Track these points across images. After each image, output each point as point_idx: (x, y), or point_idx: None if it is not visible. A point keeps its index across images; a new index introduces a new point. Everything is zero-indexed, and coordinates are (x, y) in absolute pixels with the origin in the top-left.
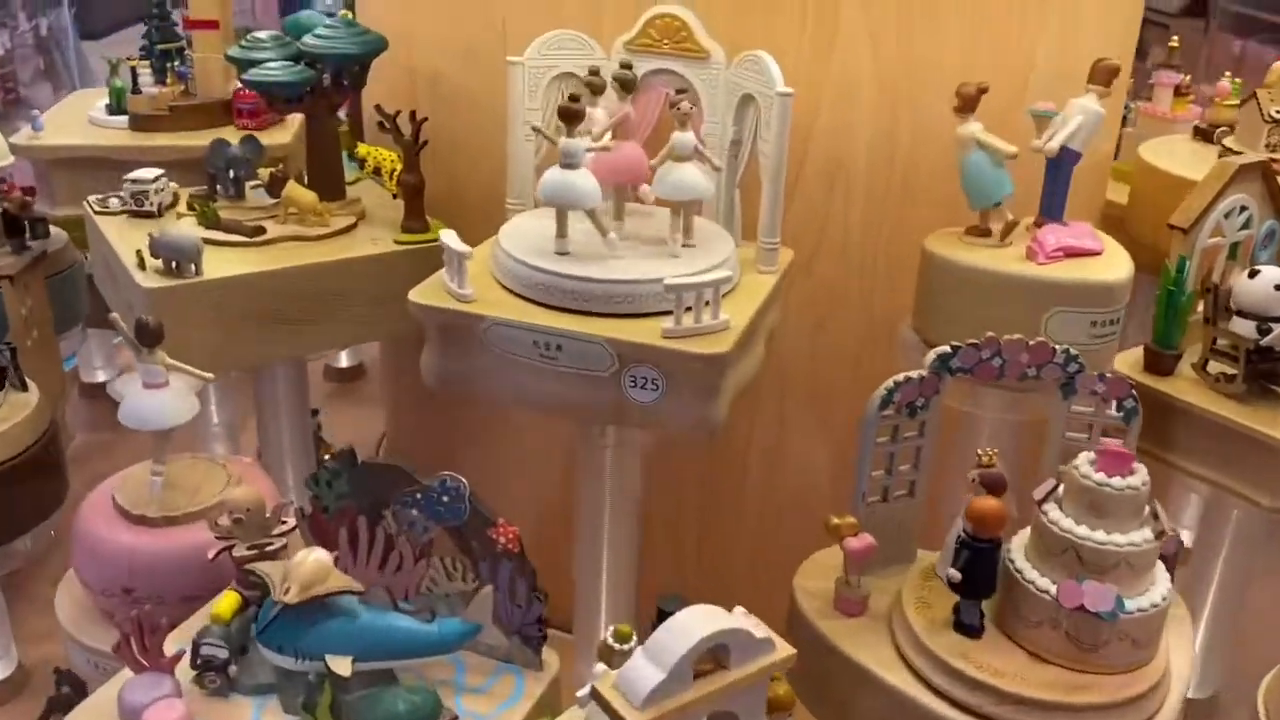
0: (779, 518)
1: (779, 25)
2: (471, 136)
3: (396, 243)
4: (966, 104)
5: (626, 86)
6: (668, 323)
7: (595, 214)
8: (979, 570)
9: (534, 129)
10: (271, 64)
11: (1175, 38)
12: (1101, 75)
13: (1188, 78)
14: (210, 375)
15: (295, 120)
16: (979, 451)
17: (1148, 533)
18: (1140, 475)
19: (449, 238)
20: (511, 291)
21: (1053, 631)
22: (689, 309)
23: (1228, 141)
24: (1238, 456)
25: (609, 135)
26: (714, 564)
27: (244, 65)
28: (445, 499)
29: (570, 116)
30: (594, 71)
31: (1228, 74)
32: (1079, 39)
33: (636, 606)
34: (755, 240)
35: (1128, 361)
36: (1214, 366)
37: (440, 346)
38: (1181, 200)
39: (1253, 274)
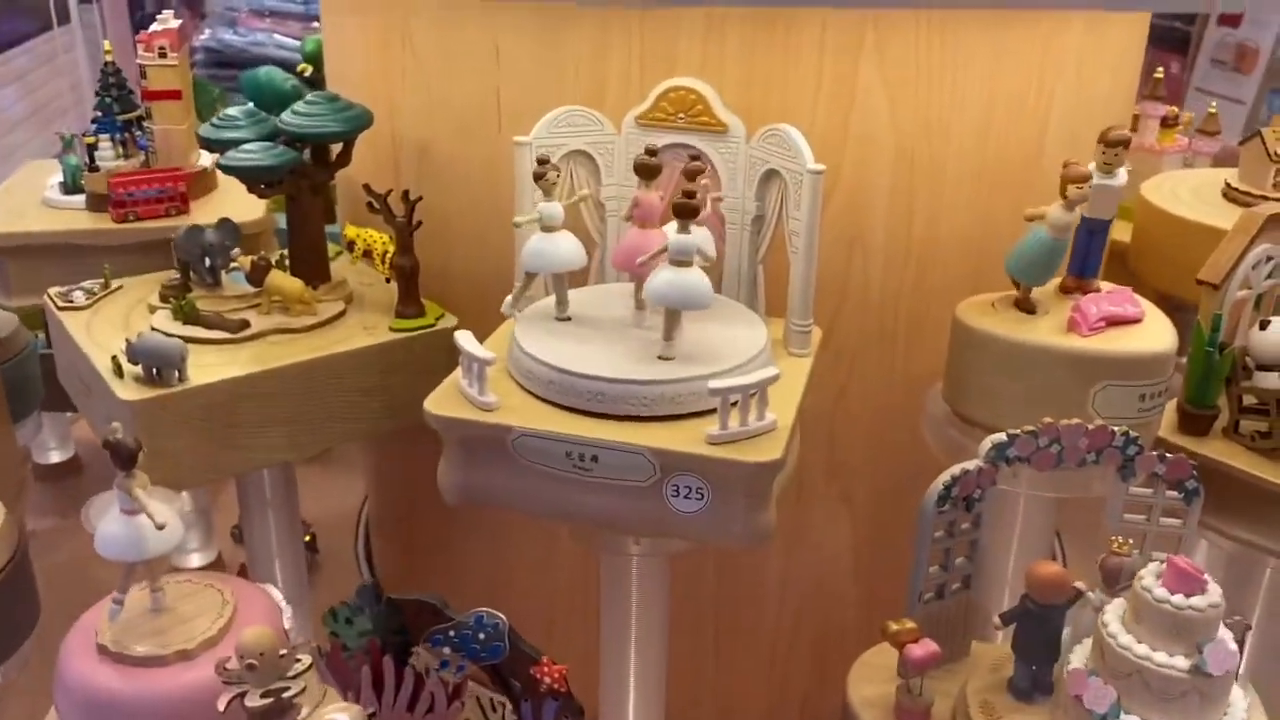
0: (800, 602)
1: (793, 86)
2: (464, 212)
3: (392, 330)
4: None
5: (649, 174)
6: (712, 426)
7: (561, 282)
8: (1033, 634)
9: (515, 224)
10: (249, 145)
11: (1160, 69)
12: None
13: (1175, 110)
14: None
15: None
16: (1112, 540)
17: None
18: (1214, 594)
19: (466, 341)
20: (535, 395)
21: None
22: (735, 402)
23: (1231, 181)
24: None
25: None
26: (732, 654)
27: (217, 146)
28: (482, 636)
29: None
30: (651, 151)
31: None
32: (1093, 91)
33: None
34: (775, 315)
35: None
36: (1246, 425)
37: (461, 460)
38: (1187, 240)
39: (1264, 325)
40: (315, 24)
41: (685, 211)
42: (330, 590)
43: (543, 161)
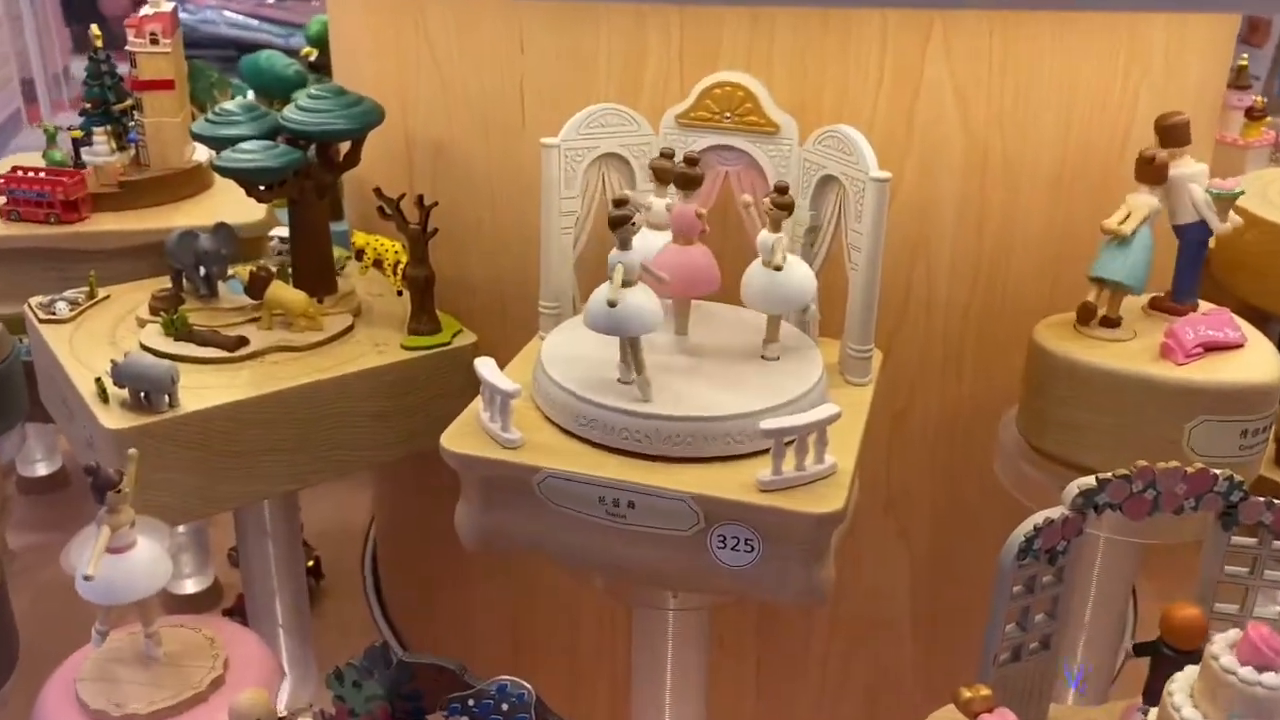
0: (851, 643)
1: (852, 82)
2: (484, 218)
3: (405, 348)
4: (1155, 174)
5: (689, 184)
6: (763, 470)
7: (638, 346)
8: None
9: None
10: (248, 144)
11: (1245, 56)
12: (1173, 136)
13: (1262, 99)
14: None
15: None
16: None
17: None
18: None
19: (487, 370)
20: (564, 430)
21: None
22: (790, 442)
23: None
24: None
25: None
26: (775, 698)
27: (213, 144)
28: (505, 706)
29: (620, 225)
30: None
31: None
32: (1182, 83)
33: None
34: (829, 335)
35: None
36: None
37: (481, 501)
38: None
39: None
40: (270, 0)
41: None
42: (335, 625)
43: (620, 203)
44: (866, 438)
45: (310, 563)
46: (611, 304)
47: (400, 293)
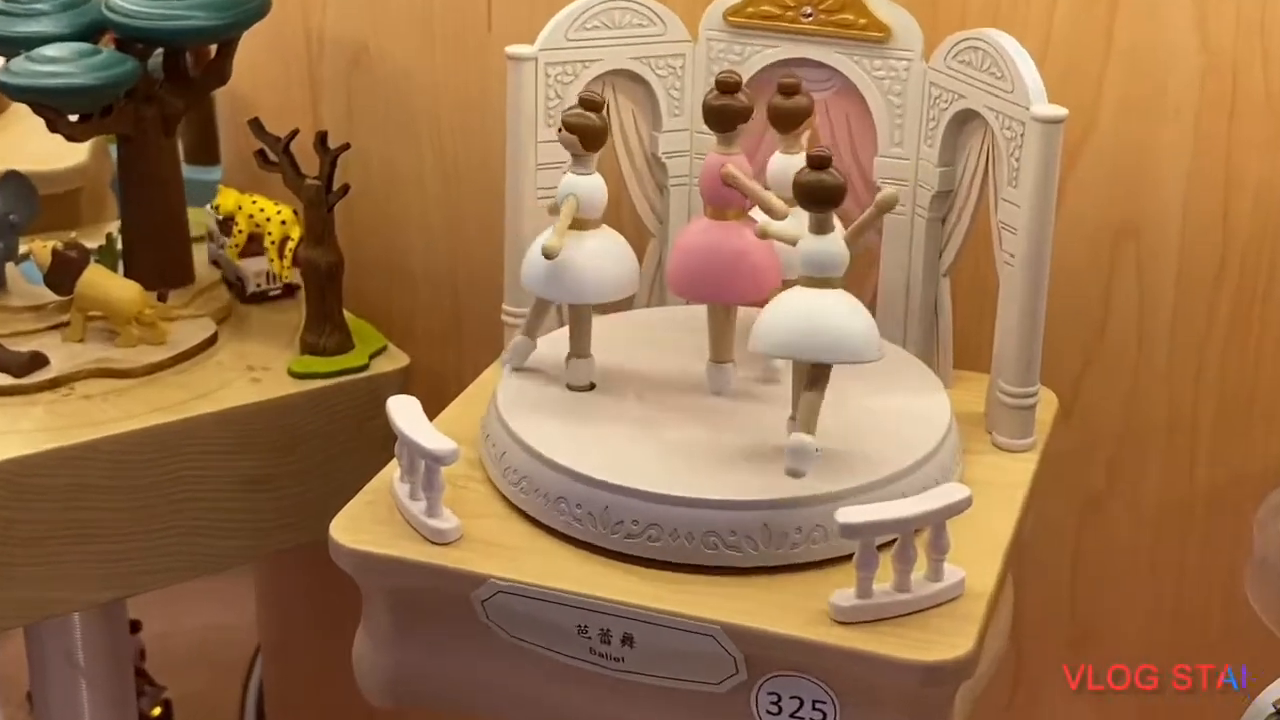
0: None
1: None
2: (427, 171)
3: (293, 374)
4: None
5: (725, 121)
6: (842, 591)
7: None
8: None
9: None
10: (54, 49)
11: None
12: None
13: None
14: None
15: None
16: None
17: None
18: None
19: (406, 416)
20: (528, 517)
21: None
22: (886, 545)
23: None
24: None
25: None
26: None
27: (2, 46)
28: None
29: (579, 130)
30: (728, 85)
31: None
32: None
33: None
34: (966, 368)
35: None
36: None
37: (391, 629)
38: None
39: None
40: None
41: (784, 119)
42: None
43: (590, 106)
44: (1037, 535)
45: (157, 710)
46: (549, 254)
47: (290, 286)
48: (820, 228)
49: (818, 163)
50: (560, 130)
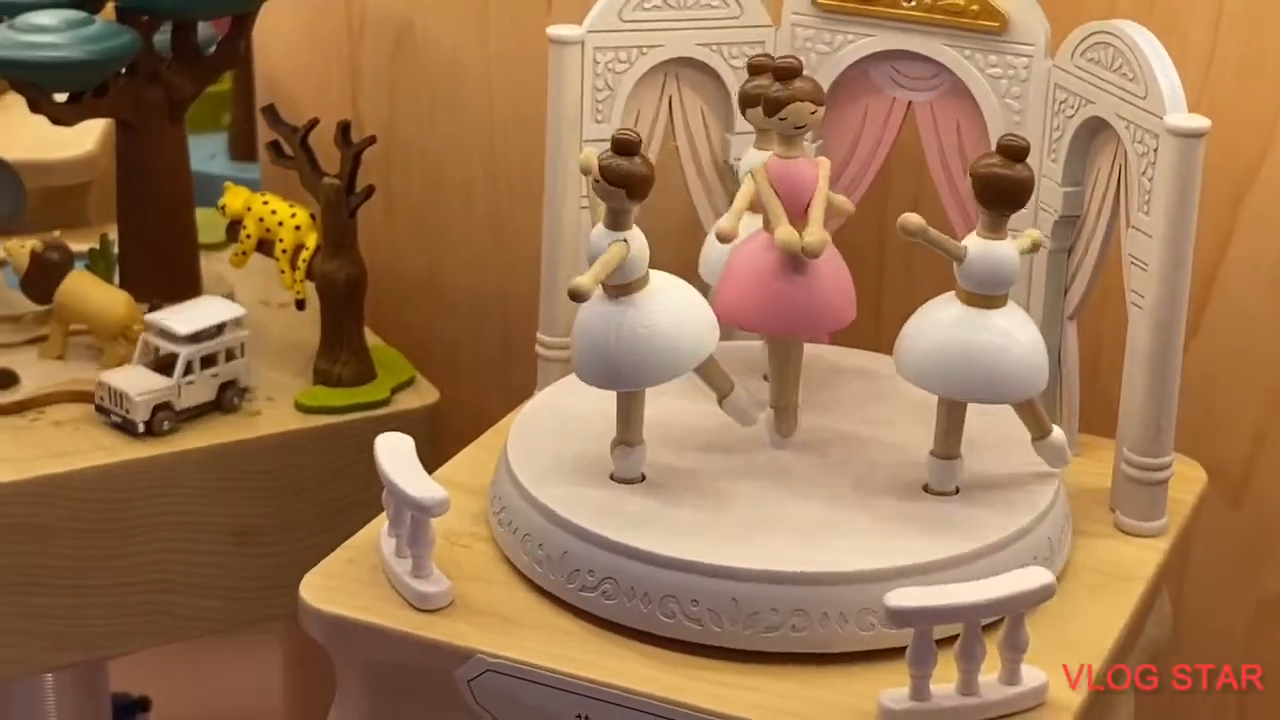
0: None
1: None
2: (475, 172)
3: (301, 408)
4: None
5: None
6: (893, 693)
7: (711, 369)
8: None
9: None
10: (42, 16)
11: None
12: None
13: None
14: None
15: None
16: None
17: None
18: None
19: (392, 458)
20: (530, 583)
21: None
22: (958, 640)
23: None
24: None
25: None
26: None
27: None
28: None
29: (629, 184)
30: (786, 73)
31: None
32: None
33: None
34: (1096, 432)
35: None
36: None
37: (366, 712)
38: None
39: None
40: None
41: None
42: None
43: (624, 149)
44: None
45: None
46: (575, 295)
47: (301, 303)
48: (994, 230)
49: (1014, 152)
50: (597, 181)
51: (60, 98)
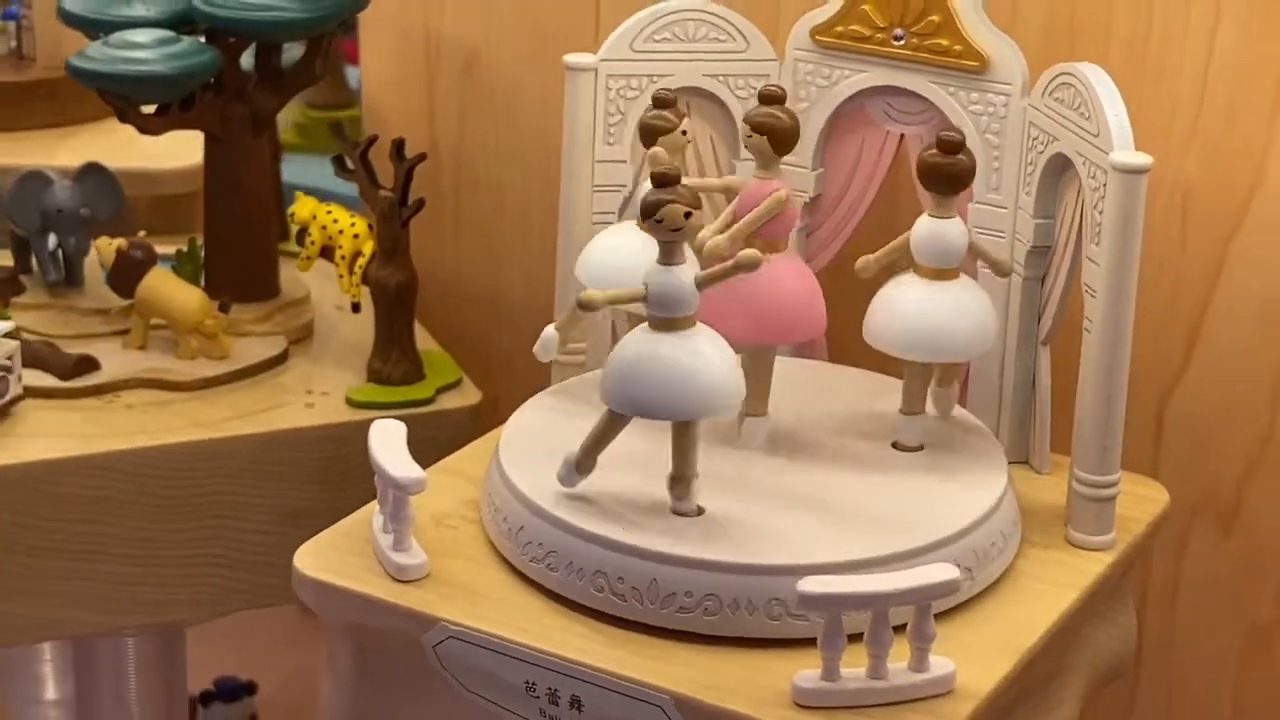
0: None
1: None
2: (530, 192)
3: (351, 403)
4: None
5: (781, 143)
6: (806, 674)
7: (690, 437)
8: None
9: (580, 302)
10: (136, 34)
11: None
12: None
13: None
14: None
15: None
16: None
17: None
18: None
19: (382, 442)
20: (507, 563)
21: None
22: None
23: None
24: None
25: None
26: None
27: (88, 28)
28: None
29: (658, 211)
30: (770, 97)
31: None
32: None
33: None
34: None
35: None
36: None
37: (351, 671)
38: None
39: None
40: None
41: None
42: None
43: (662, 104)
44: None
45: None
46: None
47: (356, 306)
48: (941, 209)
49: (950, 146)
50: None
51: (148, 110)
